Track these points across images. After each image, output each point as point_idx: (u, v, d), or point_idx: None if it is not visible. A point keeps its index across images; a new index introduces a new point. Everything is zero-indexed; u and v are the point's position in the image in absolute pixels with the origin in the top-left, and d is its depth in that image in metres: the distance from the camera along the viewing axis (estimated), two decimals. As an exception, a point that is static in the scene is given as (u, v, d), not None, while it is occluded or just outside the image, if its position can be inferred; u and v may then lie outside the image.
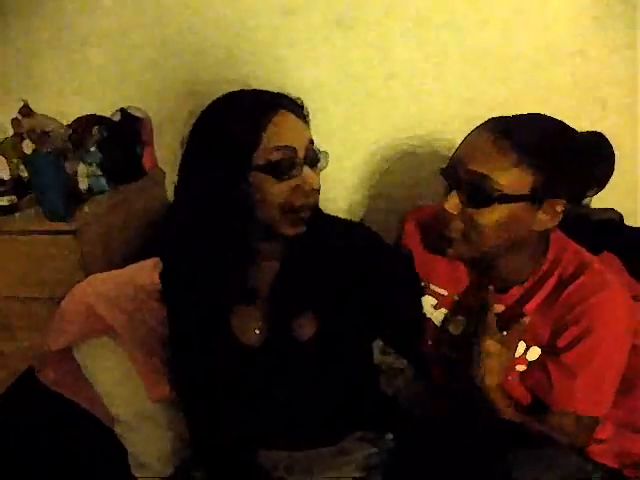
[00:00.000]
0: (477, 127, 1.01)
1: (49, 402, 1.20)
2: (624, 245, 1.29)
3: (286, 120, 0.90)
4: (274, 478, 1.05)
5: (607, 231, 1.36)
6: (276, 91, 0.95)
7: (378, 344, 1.22)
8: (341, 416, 1.07)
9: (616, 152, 1.05)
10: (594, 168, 1.01)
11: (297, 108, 0.94)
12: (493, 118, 1.01)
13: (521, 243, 1.02)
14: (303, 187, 0.90)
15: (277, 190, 0.89)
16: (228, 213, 0.90)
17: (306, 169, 0.90)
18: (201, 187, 0.91)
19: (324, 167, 0.96)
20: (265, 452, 1.07)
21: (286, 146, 0.88)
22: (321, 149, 0.96)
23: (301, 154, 0.90)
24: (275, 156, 0.87)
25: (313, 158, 0.93)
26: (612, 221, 1.41)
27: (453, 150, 1.03)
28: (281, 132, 0.88)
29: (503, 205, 0.95)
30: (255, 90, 0.95)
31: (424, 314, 1.18)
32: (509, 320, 1.05)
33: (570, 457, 0.92)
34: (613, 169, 1.04)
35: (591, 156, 1.01)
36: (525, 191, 0.95)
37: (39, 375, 1.21)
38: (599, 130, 1.04)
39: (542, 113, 1.02)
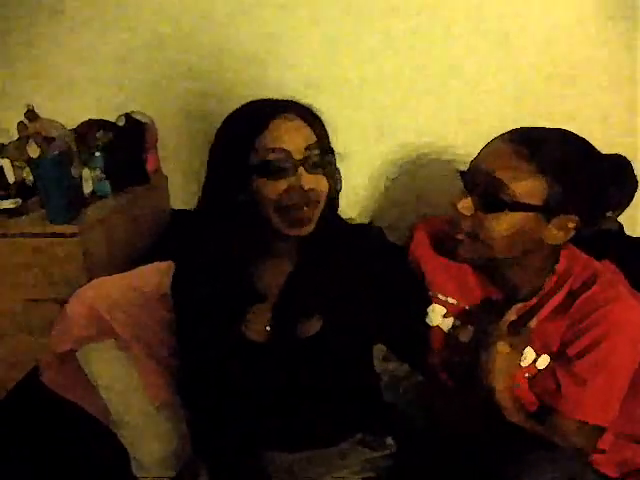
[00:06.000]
0: (501, 134, 1.02)
1: (52, 403, 1.20)
2: (624, 255, 1.30)
3: (283, 125, 0.94)
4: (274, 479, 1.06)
5: (607, 240, 1.37)
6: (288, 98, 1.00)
7: (380, 350, 1.23)
8: (342, 417, 1.08)
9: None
10: (613, 192, 1.01)
11: (304, 113, 0.97)
12: (519, 127, 1.02)
13: (530, 253, 1.02)
14: (295, 187, 0.93)
15: (270, 189, 0.93)
16: (235, 214, 0.96)
17: (301, 170, 0.93)
18: (210, 191, 1.00)
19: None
20: (266, 453, 1.08)
21: (278, 148, 0.92)
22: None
23: (297, 156, 0.93)
24: (267, 157, 0.92)
25: (314, 161, 0.95)
26: (612, 230, 1.42)
27: (463, 160, 1.04)
28: (275, 136, 0.93)
29: (514, 213, 0.96)
30: (266, 99, 1.01)
31: (431, 322, 1.18)
32: (517, 328, 1.06)
33: (573, 463, 0.92)
34: (633, 195, 1.04)
35: (611, 179, 1.00)
36: (538, 202, 0.96)
37: (42, 377, 1.22)
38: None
39: (569, 130, 1.02)
